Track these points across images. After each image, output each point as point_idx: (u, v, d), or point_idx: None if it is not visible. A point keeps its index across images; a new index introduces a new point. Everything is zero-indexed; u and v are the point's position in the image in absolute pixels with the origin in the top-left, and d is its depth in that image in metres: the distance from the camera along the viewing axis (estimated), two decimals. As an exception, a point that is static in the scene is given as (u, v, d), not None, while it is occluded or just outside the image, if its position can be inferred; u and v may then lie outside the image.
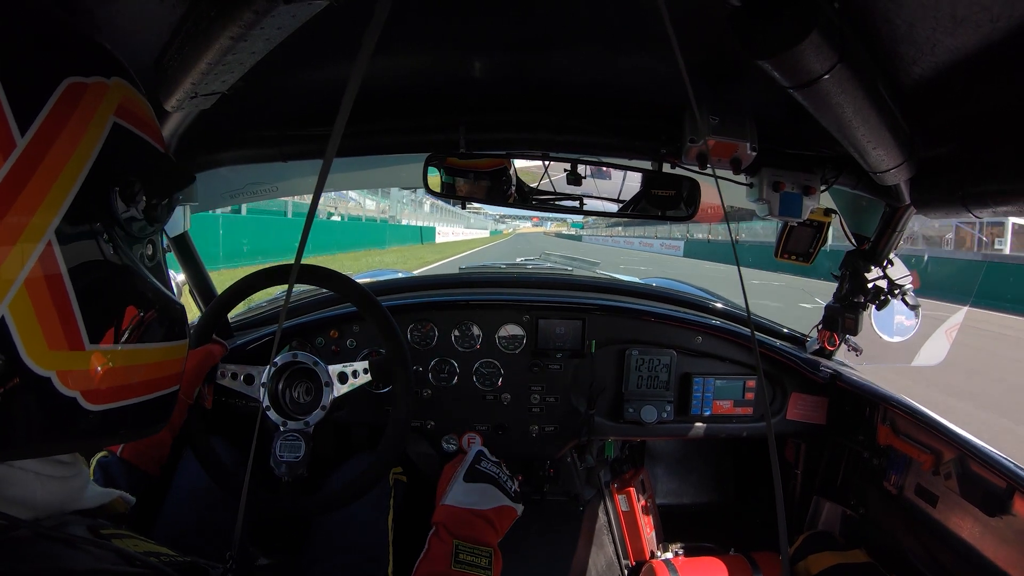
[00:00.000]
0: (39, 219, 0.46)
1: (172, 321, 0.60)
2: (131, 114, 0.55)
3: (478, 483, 1.04)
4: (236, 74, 0.76)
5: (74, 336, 0.48)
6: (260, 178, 1.61)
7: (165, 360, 0.59)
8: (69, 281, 0.48)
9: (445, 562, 0.91)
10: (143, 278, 0.56)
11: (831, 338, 1.61)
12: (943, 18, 0.63)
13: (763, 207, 1.24)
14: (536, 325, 1.54)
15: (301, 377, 1.21)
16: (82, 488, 0.58)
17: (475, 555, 0.92)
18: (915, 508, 1.30)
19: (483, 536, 0.96)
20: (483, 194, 1.31)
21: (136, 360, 0.55)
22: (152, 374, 0.57)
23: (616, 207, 1.35)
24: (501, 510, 1.02)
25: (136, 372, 0.55)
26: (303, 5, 0.58)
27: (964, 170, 0.99)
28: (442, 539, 0.94)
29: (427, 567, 0.91)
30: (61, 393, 0.48)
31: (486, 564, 0.92)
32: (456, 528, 0.96)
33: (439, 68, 1.11)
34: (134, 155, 0.55)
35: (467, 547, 0.93)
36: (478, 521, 0.98)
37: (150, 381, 0.57)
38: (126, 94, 0.55)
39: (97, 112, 0.51)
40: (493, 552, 0.95)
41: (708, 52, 0.92)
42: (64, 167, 0.48)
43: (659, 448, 2.12)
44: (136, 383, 0.55)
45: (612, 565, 1.71)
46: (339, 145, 0.52)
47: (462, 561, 0.91)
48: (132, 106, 0.55)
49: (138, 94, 0.57)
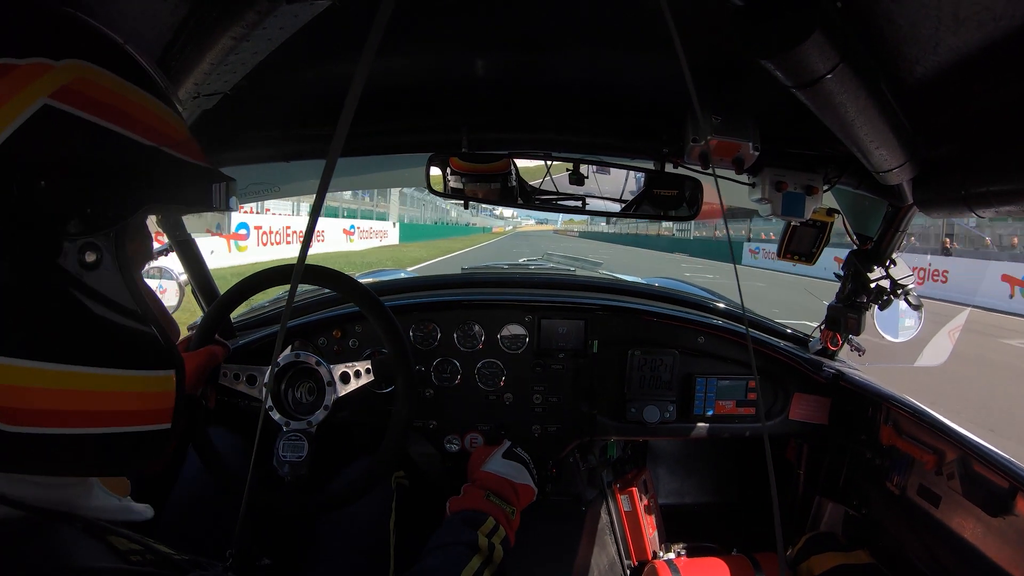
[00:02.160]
0: None
1: (128, 347, 0.53)
2: (85, 97, 0.48)
3: (513, 462, 1.22)
4: (239, 74, 0.77)
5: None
6: (263, 178, 1.61)
7: (130, 392, 0.52)
8: None
9: (479, 496, 1.07)
10: (74, 291, 0.49)
11: (834, 338, 1.61)
12: (945, 17, 0.62)
13: (766, 207, 1.24)
14: (538, 325, 1.54)
15: (304, 377, 1.22)
16: (82, 496, 0.55)
17: (501, 502, 1.08)
18: (918, 508, 1.29)
19: (509, 498, 1.11)
20: (486, 194, 1.32)
21: (76, 384, 0.49)
22: (111, 405, 0.51)
23: (619, 207, 1.35)
24: (527, 488, 1.17)
25: (79, 398, 0.49)
26: (305, 5, 0.59)
27: (967, 170, 0.99)
28: (476, 487, 1.11)
29: (460, 501, 1.07)
30: None
31: (511, 512, 1.07)
32: (488, 484, 1.12)
33: (442, 68, 1.12)
34: (77, 143, 0.48)
35: (495, 497, 1.08)
36: (507, 486, 1.13)
37: (107, 412, 0.51)
38: (84, 75, 0.49)
39: (21, 93, 0.46)
40: (515, 510, 1.09)
41: (710, 52, 0.92)
42: None
43: (661, 448, 2.12)
44: (81, 411, 0.50)
45: (614, 565, 1.71)
46: (342, 145, 0.52)
47: (492, 500, 1.07)
48: (90, 89, 0.49)
49: (113, 77, 0.52)
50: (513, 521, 1.07)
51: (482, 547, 0.93)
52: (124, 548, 0.51)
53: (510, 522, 1.06)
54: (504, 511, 1.06)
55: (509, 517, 1.06)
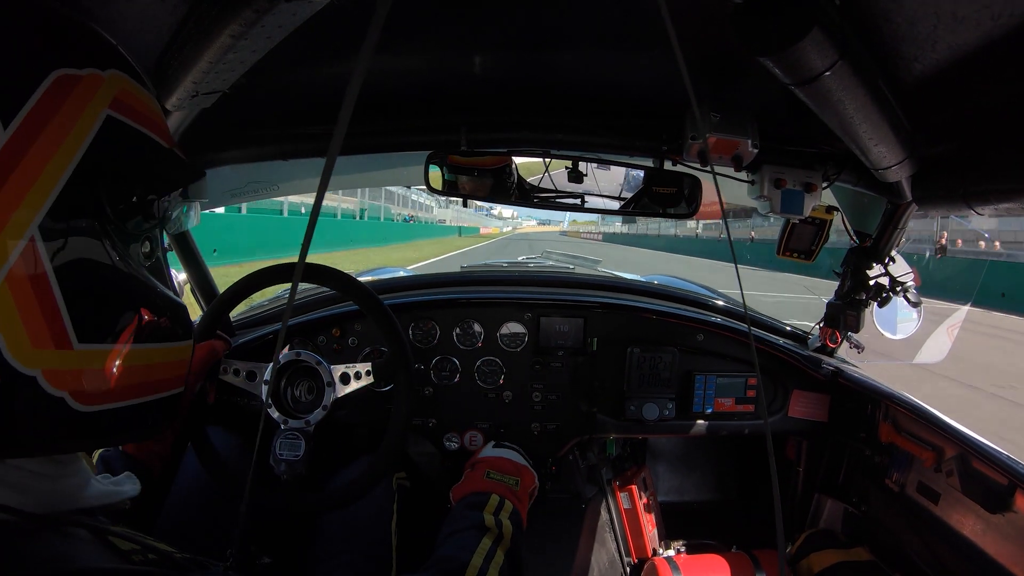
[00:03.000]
0: (20, 215, 0.45)
1: (171, 321, 0.59)
2: (129, 108, 0.53)
3: (504, 448, 1.27)
4: (237, 72, 0.76)
5: (60, 335, 0.47)
6: (262, 177, 1.61)
7: (164, 362, 0.58)
8: (54, 278, 0.47)
9: (478, 477, 1.09)
10: (139, 277, 0.55)
11: (833, 335, 1.61)
12: (944, 16, 0.63)
13: (765, 204, 1.24)
14: (538, 323, 1.54)
15: (303, 376, 1.21)
16: (81, 487, 0.56)
17: (503, 475, 1.10)
18: (917, 505, 1.30)
19: (509, 471, 1.13)
20: (486, 192, 1.31)
21: (132, 361, 0.53)
22: (150, 376, 0.56)
23: (618, 204, 1.35)
24: (527, 469, 1.18)
25: (132, 373, 0.53)
26: (304, 3, 0.59)
27: (966, 167, 0.99)
28: (476, 470, 1.13)
29: (461, 487, 1.08)
30: (48, 393, 0.47)
31: (513, 483, 1.09)
32: (488, 464, 1.15)
33: (440, 67, 1.12)
34: (130, 150, 0.54)
35: (496, 472, 1.11)
36: (506, 464, 1.16)
37: (148, 383, 0.56)
38: (124, 87, 0.54)
39: (89, 105, 0.50)
40: (518, 480, 1.11)
41: (709, 49, 0.92)
42: (48, 163, 0.46)
43: (661, 446, 2.12)
44: (132, 385, 0.54)
45: (614, 562, 1.71)
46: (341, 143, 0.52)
47: (492, 477, 1.09)
48: (131, 99, 0.54)
49: (139, 87, 0.56)
50: (519, 492, 1.07)
51: (490, 526, 0.92)
52: (126, 548, 0.51)
53: (515, 494, 1.05)
54: (506, 484, 1.06)
55: (513, 489, 1.06)
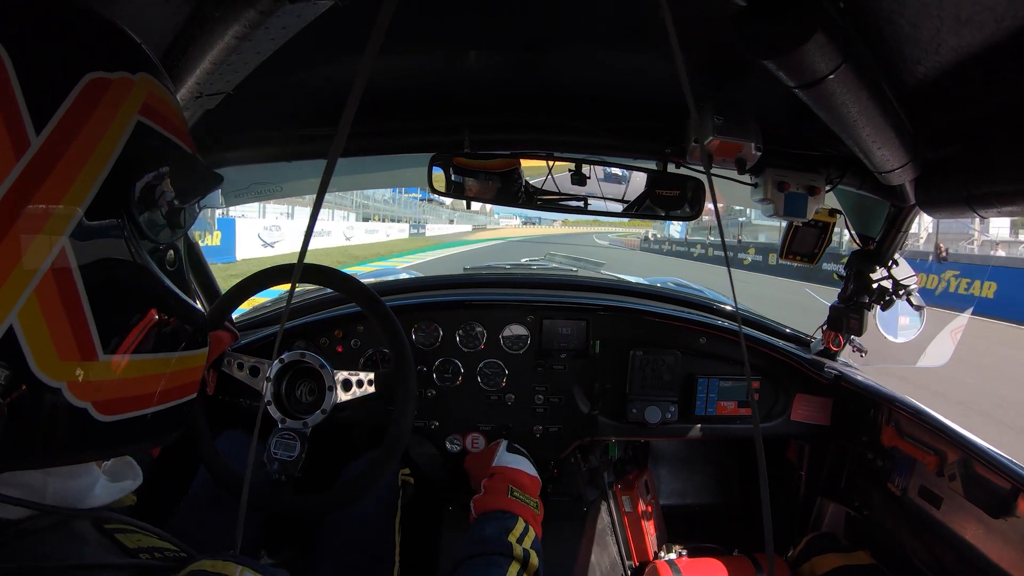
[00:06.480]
0: (51, 226, 0.43)
1: (192, 329, 0.58)
2: (157, 113, 0.52)
3: (517, 455, 1.22)
4: (241, 74, 0.77)
5: (87, 346, 0.46)
6: (265, 178, 1.62)
7: (183, 369, 0.57)
8: (83, 291, 0.45)
9: (502, 494, 1.05)
10: (163, 286, 0.54)
11: (836, 339, 1.60)
12: (947, 18, 0.62)
13: (768, 207, 1.24)
14: (540, 325, 1.54)
15: (306, 377, 1.21)
16: (92, 486, 0.56)
17: (526, 496, 1.07)
18: (919, 510, 1.29)
19: (531, 492, 1.11)
20: (492, 194, 1.31)
21: (152, 370, 0.53)
22: (169, 383, 0.55)
23: (621, 207, 1.35)
24: (535, 480, 1.17)
25: (151, 382, 0.53)
26: (308, 5, 0.59)
27: (969, 170, 0.99)
28: (496, 482, 1.10)
29: (483, 500, 1.05)
30: (72, 404, 0.46)
31: (534, 505, 1.06)
32: (509, 477, 1.11)
33: (444, 69, 1.12)
34: (159, 157, 0.52)
35: (519, 491, 1.08)
36: (524, 478, 1.14)
37: (167, 390, 0.55)
38: (153, 91, 0.52)
39: (120, 111, 0.48)
40: (538, 503, 1.08)
41: (712, 52, 0.92)
42: (80, 171, 0.45)
43: (663, 449, 2.12)
44: (151, 393, 0.53)
45: (616, 566, 1.71)
46: (343, 145, 0.52)
47: (515, 496, 1.06)
48: (159, 104, 0.52)
49: (166, 91, 0.54)
50: (538, 516, 1.06)
51: (518, 555, 0.90)
52: (133, 546, 0.51)
53: (536, 519, 1.04)
54: (529, 508, 1.04)
55: (535, 513, 1.04)
